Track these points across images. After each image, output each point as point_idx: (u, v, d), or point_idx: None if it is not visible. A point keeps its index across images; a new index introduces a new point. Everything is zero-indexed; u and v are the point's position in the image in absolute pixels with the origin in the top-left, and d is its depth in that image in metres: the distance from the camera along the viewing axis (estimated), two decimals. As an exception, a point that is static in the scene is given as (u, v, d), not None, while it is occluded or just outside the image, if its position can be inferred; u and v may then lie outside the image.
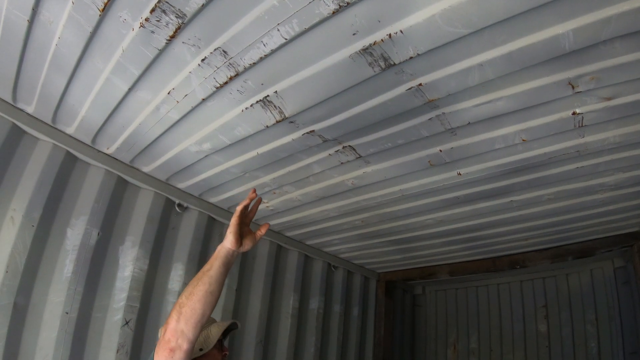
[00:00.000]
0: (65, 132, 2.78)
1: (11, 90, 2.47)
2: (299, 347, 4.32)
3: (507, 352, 5.79)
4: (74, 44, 2.02)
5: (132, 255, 3.05)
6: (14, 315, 2.46)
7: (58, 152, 2.77)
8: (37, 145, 2.71)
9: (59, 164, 2.76)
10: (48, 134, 2.71)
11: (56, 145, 2.76)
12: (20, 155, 2.63)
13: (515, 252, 4.65)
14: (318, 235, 4.17)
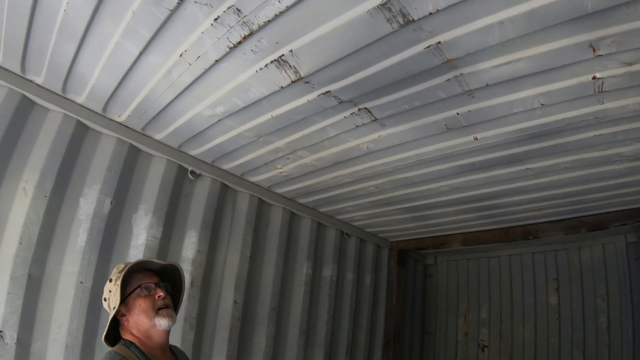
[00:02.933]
0: (75, 101, 2.76)
1: (20, 62, 2.44)
2: (312, 315, 4.35)
3: (517, 324, 5.82)
4: (83, 8, 1.98)
5: (146, 223, 3.05)
6: (28, 286, 2.48)
7: (69, 122, 2.75)
8: (47, 116, 2.70)
9: (70, 134, 2.74)
10: (58, 104, 2.69)
11: (67, 115, 2.74)
12: (31, 127, 2.62)
13: (528, 222, 4.60)
14: (331, 202, 4.15)
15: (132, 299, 2.04)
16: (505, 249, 5.86)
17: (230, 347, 3.48)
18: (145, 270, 2.15)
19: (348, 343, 4.80)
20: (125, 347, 1.97)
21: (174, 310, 2.12)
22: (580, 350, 5.28)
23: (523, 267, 5.84)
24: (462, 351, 6.29)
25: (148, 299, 2.04)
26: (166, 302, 2.08)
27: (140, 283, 2.06)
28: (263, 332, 3.78)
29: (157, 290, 2.07)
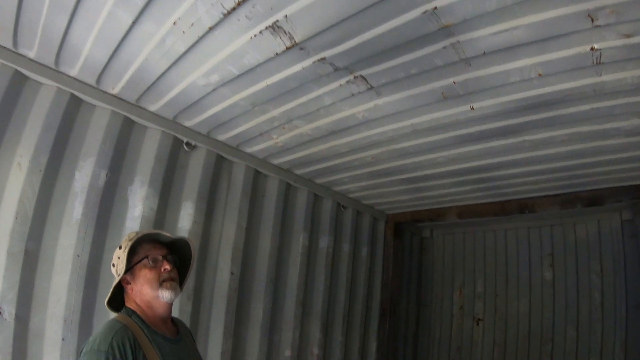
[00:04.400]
0: (68, 74, 2.72)
1: (12, 36, 2.40)
2: (309, 286, 4.39)
3: (512, 298, 5.87)
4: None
5: (142, 194, 3.05)
6: (25, 261, 2.49)
7: (62, 96, 2.72)
8: (40, 90, 2.67)
9: (64, 107, 2.72)
10: (51, 78, 2.66)
11: (60, 89, 2.71)
12: (24, 101, 2.60)
13: (524, 196, 4.62)
14: (327, 173, 4.14)
15: (138, 269, 2.07)
16: (501, 223, 5.88)
17: (228, 318, 3.51)
18: (156, 241, 2.17)
19: (344, 314, 4.84)
20: (127, 315, 2.00)
21: (179, 284, 2.14)
22: (574, 326, 5.34)
23: (518, 241, 5.87)
24: (457, 324, 6.36)
25: (154, 271, 2.06)
26: (171, 275, 2.09)
27: (148, 254, 2.09)
28: (260, 303, 3.81)
29: (164, 262, 2.10)
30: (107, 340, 1.77)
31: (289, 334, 4.12)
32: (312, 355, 4.45)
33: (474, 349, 6.17)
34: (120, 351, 1.76)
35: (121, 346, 1.78)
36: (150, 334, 1.96)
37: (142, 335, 1.91)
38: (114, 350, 1.75)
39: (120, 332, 1.83)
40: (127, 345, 1.80)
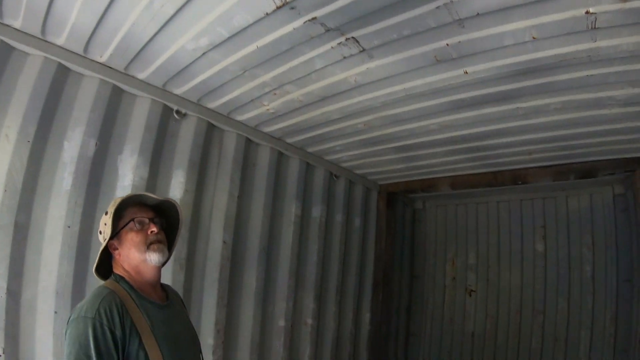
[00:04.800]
0: (55, 43, 2.66)
1: None
2: (302, 255, 4.39)
3: (504, 270, 5.92)
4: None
5: (132, 164, 3.01)
6: (15, 234, 2.46)
7: (49, 65, 2.66)
8: (27, 60, 2.61)
9: (52, 77, 2.66)
10: (38, 47, 2.59)
11: (47, 58, 2.64)
12: (11, 72, 2.54)
13: (518, 167, 4.62)
14: (319, 142, 4.10)
15: (125, 232, 2.02)
16: (493, 195, 5.90)
17: (221, 288, 3.51)
18: (142, 205, 2.12)
19: (338, 285, 4.87)
20: (115, 281, 1.96)
21: (167, 246, 2.10)
22: (565, 298, 5.40)
23: (511, 214, 5.91)
24: (449, 295, 6.42)
25: (140, 233, 2.02)
26: (158, 238, 2.05)
27: (134, 217, 2.04)
28: (253, 272, 3.81)
29: (150, 225, 2.05)
30: (94, 307, 1.75)
31: (282, 303, 4.14)
32: (306, 325, 4.47)
33: (466, 320, 6.24)
34: (108, 317, 1.74)
35: (108, 312, 1.75)
36: (138, 300, 1.93)
37: (130, 301, 1.88)
38: (100, 316, 1.73)
39: (108, 298, 1.81)
40: (115, 311, 1.77)
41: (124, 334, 1.77)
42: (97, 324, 1.71)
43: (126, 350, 1.77)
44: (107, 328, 1.72)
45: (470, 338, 6.17)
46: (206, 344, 3.43)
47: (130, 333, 1.79)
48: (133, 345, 1.78)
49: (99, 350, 1.68)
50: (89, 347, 1.68)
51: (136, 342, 1.79)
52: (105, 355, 1.70)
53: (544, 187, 5.38)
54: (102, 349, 1.69)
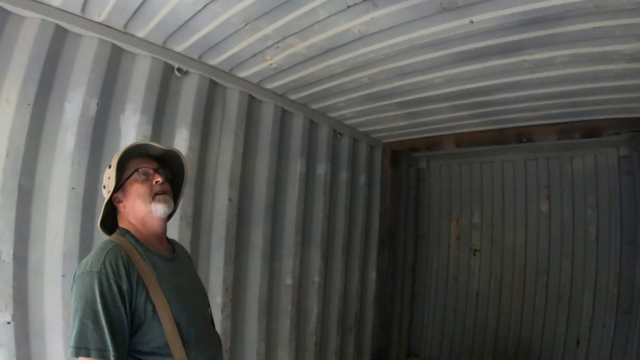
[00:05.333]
0: (51, 4, 2.59)
1: None
2: (307, 213, 4.41)
3: (509, 229, 5.95)
4: None
5: (134, 122, 2.99)
6: (20, 197, 2.45)
7: (47, 27, 2.60)
8: (24, 23, 2.55)
9: (50, 39, 2.60)
10: (34, 10, 2.53)
11: (44, 20, 2.58)
12: (8, 37, 2.49)
13: (522, 124, 4.58)
14: (323, 98, 4.05)
15: (129, 184, 1.97)
16: (497, 155, 5.89)
17: (228, 245, 3.53)
18: (146, 156, 2.06)
19: (344, 243, 4.91)
20: (120, 235, 1.94)
21: (172, 198, 2.05)
22: (569, 259, 5.44)
23: (515, 173, 5.90)
24: (454, 255, 6.47)
25: (145, 184, 1.96)
26: (164, 188, 1.99)
27: (138, 167, 1.98)
28: (260, 229, 3.83)
29: (155, 175, 1.99)
30: (100, 261, 1.74)
31: (289, 261, 4.18)
32: (313, 283, 4.53)
33: (470, 279, 6.30)
34: (114, 270, 1.73)
35: (114, 265, 1.74)
36: (144, 252, 1.91)
37: (135, 254, 1.86)
38: (106, 269, 1.72)
39: (113, 251, 1.79)
40: (120, 264, 1.76)
41: (131, 287, 1.76)
42: (103, 278, 1.70)
43: (133, 303, 1.76)
44: (114, 281, 1.71)
45: (475, 297, 6.24)
46: (215, 302, 3.47)
47: (136, 286, 1.78)
48: (140, 298, 1.78)
49: (106, 304, 1.68)
50: (95, 302, 1.67)
51: (143, 294, 1.78)
52: (113, 308, 1.69)
53: (548, 147, 5.37)
54: (108, 302, 1.68)
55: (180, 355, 1.82)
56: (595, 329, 5.26)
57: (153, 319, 1.78)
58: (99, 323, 1.65)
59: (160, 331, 1.79)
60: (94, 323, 1.65)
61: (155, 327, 1.78)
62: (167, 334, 1.80)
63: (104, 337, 1.65)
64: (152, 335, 1.78)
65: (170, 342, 1.80)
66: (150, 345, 1.78)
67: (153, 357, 1.79)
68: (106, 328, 1.65)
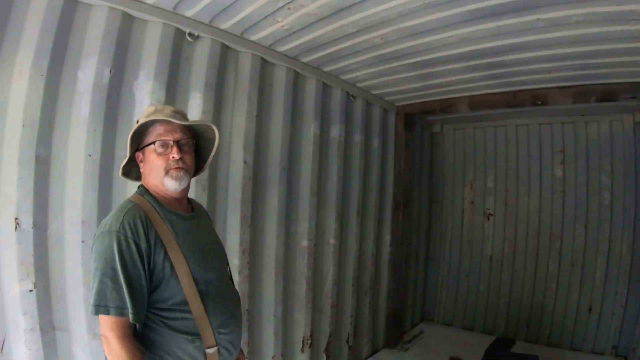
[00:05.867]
0: None
1: None
2: (322, 175, 4.44)
3: (523, 194, 5.97)
4: None
5: (148, 88, 2.99)
6: (37, 168, 2.48)
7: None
8: None
9: (60, 10, 2.58)
10: None
11: None
12: (18, 9, 2.48)
13: (537, 86, 4.50)
14: (335, 60, 4.01)
15: (148, 152, 1.98)
16: (512, 119, 5.87)
17: (244, 208, 3.57)
18: (171, 122, 2.01)
19: (358, 205, 4.95)
20: (140, 194, 1.97)
21: (189, 171, 2.04)
22: (583, 224, 5.47)
23: (529, 137, 5.89)
24: (468, 219, 6.52)
25: (161, 158, 1.95)
26: (179, 164, 1.97)
27: (158, 138, 1.96)
28: (275, 192, 3.86)
29: (173, 149, 1.95)
30: (119, 220, 1.78)
31: (305, 223, 4.21)
32: (329, 245, 4.58)
33: (484, 244, 6.36)
34: (132, 230, 1.77)
35: (132, 225, 1.78)
36: (162, 212, 1.94)
37: (154, 213, 1.89)
38: (125, 229, 1.76)
39: (131, 210, 1.83)
40: (139, 223, 1.80)
41: (149, 245, 1.80)
42: (122, 237, 1.75)
43: (152, 262, 1.81)
44: (132, 240, 1.76)
45: (489, 261, 6.31)
46: (232, 265, 3.51)
47: (155, 244, 1.82)
48: (158, 257, 1.82)
49: (125, 262, 1.73)
50: (114, 261, 1.72)
51: (161, 253, 1.83)
52: (131, 267, 1.74)
53: (563, 111, 5.35)
54: (127, 261, 1.74)
55: (199, 311, 1.88)
56: (607, 297, 5.33)
57: (171, 277, 1.84)
58: (118, 282, 1.71)
59: (179, 288, 1.85)
60: (112, 282, 1.71)
61: (173, 284, 1.84)
62: (186, 291, 1.86)
63: (123, 295, 1.70)
64: (170, 293, 1.84)
65: (189, 299, 1.86)
66: (169, 302, 1.84)
67: (172, 314, 1.85)
68: (125, 286, 1.71)
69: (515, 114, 5.66)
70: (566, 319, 5.61)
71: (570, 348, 5.57)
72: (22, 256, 2.42)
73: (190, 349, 1.86)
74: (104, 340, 1.74)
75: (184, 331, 1.85)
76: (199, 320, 1.88)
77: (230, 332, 2.01)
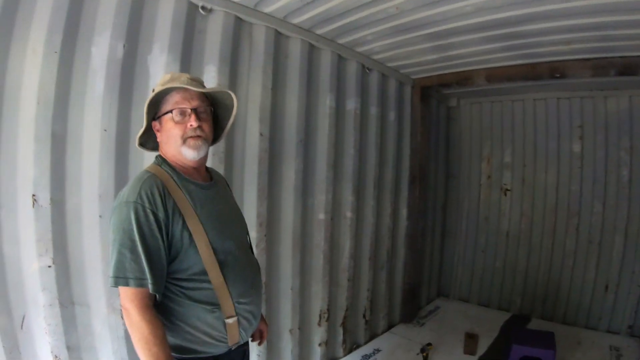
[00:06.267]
0: None
1: None
2: (338, 148, 4.43)
3: (540, 169, 5.92)
4: None
5: (162, 62, 2.97)
6: (54, 144, 2.49)
7: None
8: None
9: None
10: None
11: None
12: None
13: (555, 58, 4.40)
14: (350, 31, 3.96)
15: (165, 120, 1.95)
16: (530, 93, 5.79)
17: (261, 180, 3.58)
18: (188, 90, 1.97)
19: (375, 178, 4.94)
20: (157, 164, 1.95)
21: (207, 139, 2.02)
22: (601, 201, 5.42)
23: (548, 112, 5.81)
24: (485, 194, 6.49)
25: (178, 126, 1.92)
26: (197, 133, 1.94)
27: (176, 107, 1.93)
28: (292, 165, 3.87)
29: (191, 116, 1.92)
30: (136, 191, 1.76)
31: (321, 196, 4.22)
32: (346, 218, 4.59)
33: (501, 220, 6.34)
34: (150, 200, 1.75)
35: (150, 195, 1.76)
36: (180, 181, 1.91)
37: (171, 182, 1.87)
38: (142, 199, 1.74)
39: (149, 181, 1.80)
40: (156, 193, 1.78)
41: (167, 215, 1.78)
42: (140, 208, 1.73)
43: (170, 231, 1.79)
44: (150, 211, 1.74)
45: (505, 237, 6.29)
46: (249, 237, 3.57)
47: (173, 214, 1.80)
48: (177, 226, 1.80)
49: (143, 233, 1.72)
50: (132, 231, 1.71)
51: (180, 222, 1.81)
52: (149, 238, 1.73)
53: (582, 86, 5.26)
54: (145, 231, 1.73)
55: (218, 280, 1.88)
56: (624, 275, 5.31)
57: (190, 246, 1.83)
58: (137, 252, 1.70)
59: (198, 258, 1.84)
60: (131, 252, 1.70)
61: (192, 254, 1.83)
62: (204, 261, 1.85)
63: (142, 266, 1.70)
64: (190, 263, 1.84)
65: (208, 268, 1.86)
66: (188, 272, 1.84)
67: (191, 283, 1.85)
68: (144, 257, 1.70)
69: (533, 88, 5.58)
70: (582, 297, 5.60)
71: (586, 326, 5.57)
72: (40, 232, 2.45)
73: (209, 319, 1.88)
74: (124, 312, 1.74)
75: (204, 301, 1.86)
76: (218, 290, 1.89)
77: (249, 302, 2.02)
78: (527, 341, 4.07)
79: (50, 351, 2.52)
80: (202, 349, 1.89)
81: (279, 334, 3.98)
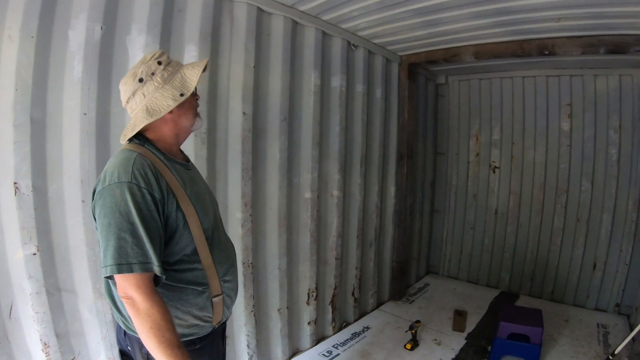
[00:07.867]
0: None
1: None
2: (324, 126, 4.38)
3: (529, 147, 5.94)
4: None
5: (141, 42, 2.89)
6: (33, 130, 2.44)
7: None
8: None
9: None
10: None
11: None
12: None
13: (545, 35, 4.33)
14: (335, 7, 3.84)
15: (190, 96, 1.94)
16: (519, 70, 5.77)
17: (245, 159, 3.53)
18: None
19: (362, 156, 4.91)
20: (140, 145, 1.86)
21: None
22: (589, 179, 5.46)
23: (537, 90, 5.80)
24: (473, 171, 6.52)
25: (193, 100, 1.97)
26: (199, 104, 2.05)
27: None
28: (276, 143, 3.82)
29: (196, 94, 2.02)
30: (128, 170, 1.66)
31: (307, 175, 4.20)
32: (332, 196, 4.58)
33: (489, 196, 6.38)
34: (144, 179, 1.66)
35: (144, 175, 1.67)
36: (167, 161, 1.87)
37: (159, 162, 1.81)
38: (137, 179, 1.64)
39: (139, 160, 1.72)
40: (150, 173, 1.70)
41: (162, 195, 1.71)
42: (135, 188, 1.64)
43: (165, 212, 1.73)
44: (146, 190, 1.65)
45: (494, 214, 6.33)
46: (234, 218, 3.55)
47: (167, 194, 1.74)
48: (172, 207, 1.75)
49: (142, 214, 1.63)
50: (130, 213, 1.61)
51: (174, 203, 1.75)
52: (149, 218, 1.64)
53: (571, 64, 5.24)
54: (144, 213, 1.63)
55: (208, 260, 1.87)
56: (612, 254, 5.40)
57: (184, 228, 1.78)
58: (138, 235, 1.61)
59: (190, 239, 1.81)
60: (132, 236, 1.60)
61: (185, 235, 1.79)
62: (196, 241, 1.82)
63: (145, 249, 1.61)
64: (183, 244, 1.80)
65: (199, 249, 1.84)
66: (179, 254, 1.80)
67: (182, 265, 1.82)
68: (146, 239, 1.62)
69: (522, 65, 5.54)
70: (570, 274, 5.68)
71: (574, 304, 5.66)
72: (24, 220, 2.42)
73: (199, 301, 1.86)
74: (127, 302, 1.62)
75: (194, 282, 1.84)
76: (208, 269, 1.87)
77: (232, 280, 2.03)
78: (515, 319, 4.10)
79: (40, 339, 2.52)
80: (189, 332, 1.87)
81: (267, 313, 3.99)
